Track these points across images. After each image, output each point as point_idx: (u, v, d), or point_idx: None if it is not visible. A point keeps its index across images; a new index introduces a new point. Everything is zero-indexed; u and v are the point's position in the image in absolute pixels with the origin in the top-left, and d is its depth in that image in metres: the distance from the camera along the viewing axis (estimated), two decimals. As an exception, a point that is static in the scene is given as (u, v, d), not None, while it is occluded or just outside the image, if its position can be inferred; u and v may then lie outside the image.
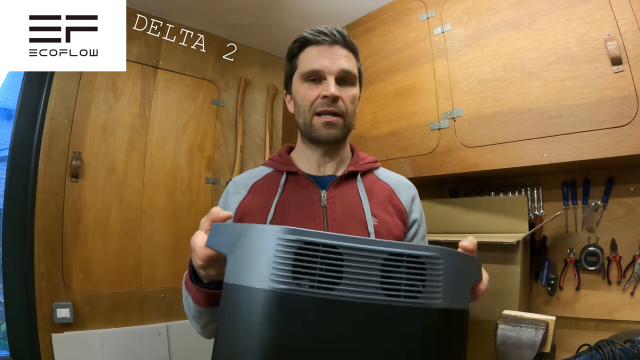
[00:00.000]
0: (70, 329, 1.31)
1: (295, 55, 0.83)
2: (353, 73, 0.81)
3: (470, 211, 1.22)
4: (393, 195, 0.86)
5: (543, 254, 1.24)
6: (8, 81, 1.56)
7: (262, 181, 0.85)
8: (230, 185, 0.87)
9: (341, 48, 0.81)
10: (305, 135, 0.83)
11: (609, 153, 0.95)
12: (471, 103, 1.21)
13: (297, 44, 0.83)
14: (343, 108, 0.79)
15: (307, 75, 0.79)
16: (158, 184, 1.57)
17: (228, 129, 1.83)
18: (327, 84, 0.77)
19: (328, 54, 0.79)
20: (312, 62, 0.79)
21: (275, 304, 0.41)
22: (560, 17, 1.05)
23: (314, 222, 0.78)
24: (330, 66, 0.78)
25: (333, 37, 0.80)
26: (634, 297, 1.08)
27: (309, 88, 0.79)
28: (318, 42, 0.80)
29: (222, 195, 0.87)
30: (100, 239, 1.42)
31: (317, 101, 0.78)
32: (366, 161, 0.89)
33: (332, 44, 0.80)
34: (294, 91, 0.83)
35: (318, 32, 0.80)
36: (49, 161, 1.34)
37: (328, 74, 0.78)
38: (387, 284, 0.42)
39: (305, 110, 0.79)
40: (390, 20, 1.49)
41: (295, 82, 0.83)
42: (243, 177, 0.88)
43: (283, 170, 0.84)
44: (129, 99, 1.54)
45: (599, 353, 0.75)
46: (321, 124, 0.78)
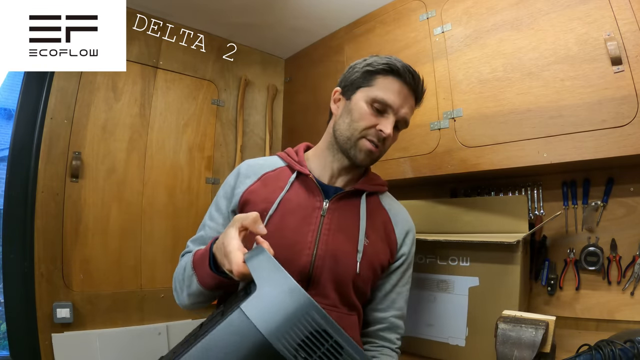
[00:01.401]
0: (70, 329, 1.31)
1: (375, 74, 0.83)
2: (407, 124, 0.86)
3: (470, 211, 1.22)
4: (389, 224, 0.90)
5: (543, 254, 1.24)
6: (8, 81, 1.56)
7: (274, 173, 0.87)
8: (244, 166, 0.89)
9: (414, 99, 0.85)
10: (340, 146, 0.85)
11: (609, 153, 0.95)
12: (471, 103, 1.21)
13: (385, 65, 0.82)
14: (385, 148, 0.84)
15: (377, 100, 0.81)
16: (158, 184, 1.57)
17: (228, 129, 1.83)
18: (388, 120, 0.80)
19: (405, 97, 0.82)
20: (390, 94, 0.80)
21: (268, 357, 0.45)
22: (560, 17, 1.05)
23: (309, 227, 0.81)
24: (399, 109, 0.81)
25: (415, 87, 0.83)
26: (634, 297, 1.08)
27: (372, 113, 0.81)
28: (405, 81, 0.82)
29: (233, 173, 0.89)
30: (100, 239, 1.42)
31: (372, 130, 0.81)
32: (375, 182, 0.92)
33: (412, 90, 0.83)
34: (354, 103, 0.83)
35: (409, 71, 0.82)
36: (49, 161, 1.34)
37: (393, 114, 0.81)
38: None
39: (357, 129, 0.81)
40: (390, 20, 1.49)
41: (360, 95, 0.83)
42: (257, 163, 0.90)
43: (295, 169, 0.86)
44: (129, 99, 1.54)
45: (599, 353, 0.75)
46: (367, 148, 0.82)
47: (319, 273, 0.79)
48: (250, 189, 0.84)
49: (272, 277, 0.50)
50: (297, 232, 0.80)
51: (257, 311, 0.47)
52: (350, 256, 0.81)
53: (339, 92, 0.88)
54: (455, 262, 1.13)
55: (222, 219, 0.85)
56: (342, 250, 0.81)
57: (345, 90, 0.87)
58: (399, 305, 0.90)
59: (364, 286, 0.83)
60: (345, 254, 0.81)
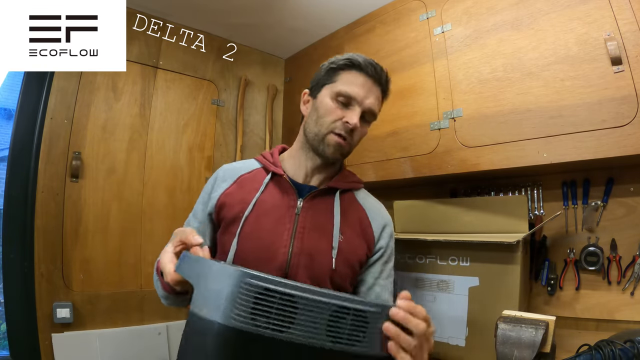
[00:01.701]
0: (70, 329, 1.31)
1: (338, 70, 0.85)
2: (375, 116, 0.86)
3: (470, 211, 1.22)
4: (365, 219, 0.90)
5: (543, 254, 1.24)
6: (8, 81, 1.56)
7: (249, 175, 0.89)
8: (221, 171, 0.91)
9: (379, 91, 0.85)
10: (310, 144, 0.86)
11: (609, 153, 0.95)
12: (471, 103, 1.21)
13: (346, 60, 0.84)
14: (354, 140, 0.85)
15: (340, 95, 0.82)
16: (158, 184, 1.57)
17: (228, 129, 1.83)
18: (353, 112, 0.81)
19: (368, 88, 0.83)
20: (352, 87, 0.82)
21: (232, 338, 0.46)
22: (560, 17, 1.05)
23: (284, 227, 0.82)
24: (364, 99, 0.82)
25: (379, 78, 0.84)
26: (634, 297, 1.08)
27: (337, 107, 0.82)
28: (366, 73, 0.83)
29: (211, 178, 0.92)
30: (100, 239, 1.42)
31: (339, 123, 0.82)
32: (350, 179, 0.93)
33: (375, 81, 0.84)
34: (320, 100, 0.85)
35: (370, 64, 0.83)
36: (49, 161, 1.34)
37: (358, 105, 0.82)
38: (332, 331, 0.48)
39: (324, 124, 0.83)
40: (390, 20, 1.49)
41: (325, 92, 0.85)
42: (234, 167, 0.92)
43: (270, 170, 0.88)
44: (129, 99, 1.54)
45: (599, 353, 0.75)
46: (335, 142, 0.82)
47: (295, 271, 0.80)
48: (226, 192, 0.86)
49: (201, 271, 0.52)
50: (273, 232, 0.81)
51: (203, 305, 0.49)
52: (326, 253, 0.82)
53: (307, 94, 0.91)
54: (455, 262, 1.13)
55: (197, 223, 0.88)
56: (317, 247, 0.82)
57: (312, 90, 0.89)
58: (384, 298, 0.91)
59: (341, 282, 0.84)
60: (320, 251, 0.82)
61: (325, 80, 0.86)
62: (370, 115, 0.85)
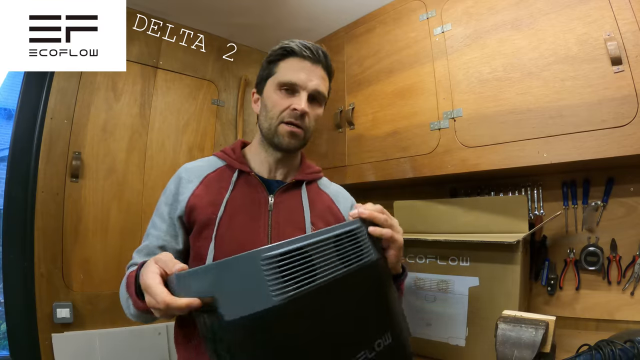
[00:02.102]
0: (70, 329, 1.31)
1: (276, 61, 0.85)
2: (324, 95, 0.86)
3: (470, 211, 1.22)
4: (332, 205, 0.92)
5: (543, 254, 1.24)
6: (8, 81, 1.56)
7: (215, 174, 0.87)
8: (183, 170, 0.88)
9: (321, 69, 0.85)
10: (266, 139, 0.86)
11: (609, 153, 0.95)
12: (471, 103, 1.21)
13: (281, 50, 0.84)
14: (307, 124, 0.84)
15: (282, 85, 0.82)
16: (158, 184, 1.57)
17: (228, 129, 1.83)
18: (299, 98, 0.81)
19: (307, 70, 0.82)
20: (291, 73, 0.82)
21: (286, 314, 0.46)
22: (560, 17, 1.05)
23: (258, 224, 0.82)
24: (306, 82, 0.82)
25: (317, 56, 0.84)
26: (634, 297, 1.08)
27: (282, 97, 0.82)
28: (302, 57, 0.83)
29: (173, 179, 0.87)
30: (100, 239, 1.42)
31: (287, 111, 0.82)
32: (311, 170, 0.94)
33: (314, 62, 0.84)
34: (266, 95, 0.86)
35: (304, 47, 0.83)
36: (49, 161, 1.34)
37: (303, 89, 0.82)
38: (342, 257, 0.53)
39: (274, 117, 0.83)
40: (390, 20, 1.49)
41: (269, 86, 0.85)
42: (196, 166, 0.89)
43: (236, 167, 0.86)
44: (129, 99, 1.54)
45: (599, 353, 0.75)
46: (286, 131, 0.82)
47: None
48: (194, 194, 0.83)
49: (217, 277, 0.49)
50: (249, 230, 0.80)
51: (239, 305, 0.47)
52: None
53: (255, 92, 0.91)
54: (455, 262, 1.13)
55: (165, 225, 0.83)
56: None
57: (258, 87, 0.90)
58: None
59: None
60: None
61: (267, 74, 0.86)
62: (320, 96, 0.85)
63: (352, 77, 1.61)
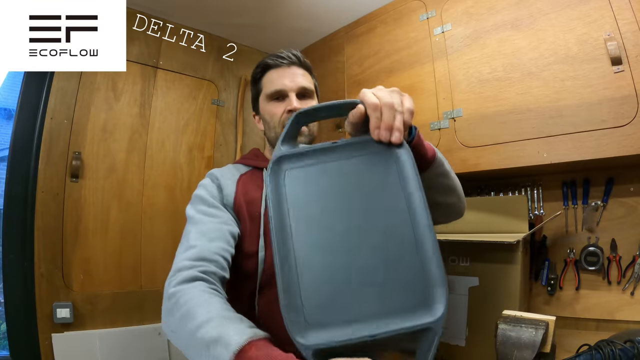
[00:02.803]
0: (70, 329, 1.31)
1: (259, 79, 0.93)
2: (310, 88, 0.91)
3: (470, 211, 1.21)
4: None
5: (543, 254, 1.24)
6: (8, 81, 1.56)
7: (246, 176, 0.90)
8: (215, 171, 0.90)
9: (298, 68, 0.91)
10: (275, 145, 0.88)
11: (609, 153, 0.95)
12: (471, 103, 1.21)
13: (259, 69, 0.92)
14: None
15: (271, 96, 0.89)
16: (158, 184, 1.57)
17: (228, 129, 1.83)
18: (289, 99, 0.87)
19: (287, 75, 0.89)
20: (274, 83, 0.89)
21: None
22: (560, 17, 1.05)
23: None
24: (290, 84, 0.88)
25: (289, 59, 0.90)
26: (634, 297, 1.08)
27: (275, 106, 0.88)
28: (277, 65, 0.90)
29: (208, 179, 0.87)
30: (100, 239, 1.42)
31: (284, 115, 0.87)
32: None
33: (289, 65, 0.90)
34: (262, 110, 0.92)
35: (276, 57, 0.90)
36: (49, 161, 1.34)
37: (290, 91, 0.87)
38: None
39: (275, 125, 0.88)
40: (391, 20, 1.49)
41: (262, 102, 0.92)
42: (225, 169, 0.91)
43: (263, 166, 0.90)
44: (129, 99, 1.54)
45: (599, 353, 0.75)
46: None
47: None
48: (237, 191, 0.85)
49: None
50: None
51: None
52: None
53: (254, 114, 0.98)
54: (455, 262, 1.13)
55: (222, 212, 0.81)
56: None
57: (254, 108, 0.97)
58: None
59: None
60: None
61: (255, 93, 0.94)
62: (307, 91, 0.90)
63: (352, 77, 1.61)
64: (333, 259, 0.51)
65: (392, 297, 0.49)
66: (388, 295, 0.49)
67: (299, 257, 0.51)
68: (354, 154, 0.57)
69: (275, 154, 0.58)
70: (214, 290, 0.64)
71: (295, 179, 0.56)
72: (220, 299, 0.61)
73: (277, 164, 0.57)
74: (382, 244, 0.51)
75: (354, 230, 0.52)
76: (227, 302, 0.62)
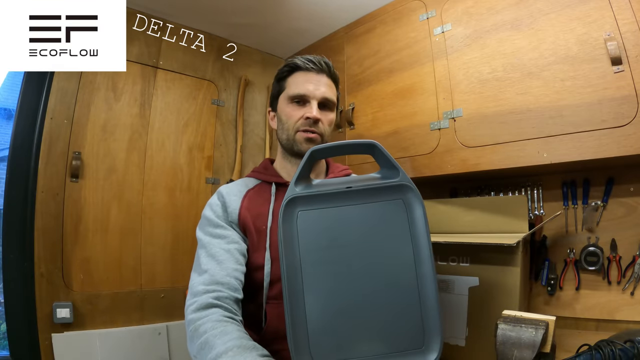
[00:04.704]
0: (70, 329, 1.31)
1: (284, 78, 0.91)
2: (333, 101, 0.90)
3: (470, 211, 1.22)
4: None
5: (543, 254, 1.24)
6: (8, 81, 1.56)
7: (254, 191, 0.91)
8: (222, 189, 0.91)
9: (326, 77, 0.90)
10: (287, 150, 0.91)
11: (609, 153, 0.95)
12: (471, 103, 1.21)
13: (287, 68, 0.91)
14: (322, 129, 0.88)
15: (293, 98, 0.88)
16: (158, 184, 1.57)
17: (228, 129, 1.83)
18: (310, 107, 0.87)
19: (314, 81, 0.88)
20: (299, 86, 0.88)
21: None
22: (560, 17, 1.05)
23: None
24: (314, 92, 0.87)
25: (320, 66, 0.89)
26: (634, 297, 1.08)
27: (295, 109, 0.88)
28: (307, 69, 0.89)
29: (215, 197, 0.89)
30: (100, 239, 1.42)
31: (301, 121, 0.87)
32: (340, 169, 0.98)
33: (318, 72, 0.89)
34: (280, 110, 0.92)
35: (307, 60, 0.89)
36: (49, 161, 1.34)
37: (312, 99, 0.87)
38: None
39: (290, 127, 0.88)
40: (391, 20, 1.49)
41: (281, 101, 0.91)
42: (233, 185, 0.93)
43: (271, 181, 0.91)
44: (129, 99, 1.54)
45: (599, 353, 0.75)
46: (303, 138, 0.87)
47: None
48: (243, 206, 0.86)
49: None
50: None
51: None
52: None
53: (270, 110, 0.97)
54: (455, 262, 1.13)
55: (230, 232, 0.83)
56: None
57: (272, 105, 0.96)
58: None
59: None
60: None
61: (278, 91, 0.93)
62: (328, 103, 0.90)
63: (352, 77, 1.61)
64: (340, 304, 0.54)
65: (391, 342, 0.54)
66: (388, 341, 0.54)
67: (308, 302, 0.54)
68: (367, 201, 0.58)
69: (288, 195, 0.59)
70: (229, 318, 0.69)
71: (307, 221, 0.58)
72: (235, 327, 0.66)
73: (290, 205, 0.58)
74: (388, 292, 0.55)
75: (362, 277, 0.55)
76: (242, 329, 0.67)
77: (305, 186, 0.60)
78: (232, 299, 0.73)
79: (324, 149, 0.63)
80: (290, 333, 0.53)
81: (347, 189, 0.59)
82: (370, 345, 0.53)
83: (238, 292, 0.75)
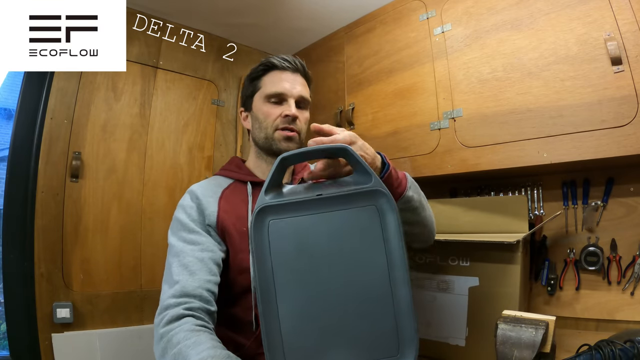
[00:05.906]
0: (70, 329, 1.31)
1: (259, 77, 0.91)
2: (308, 100, 0.91)
3: (470, 211, 1.22)
4: None
5: (543, 254, 1.24)
6: (8, 81, 1.56)
7: (229, 190, 0.89)
8: (195, 188, 0.88)
9: (300, 77, 0.91)
10: (264, 149, 0.90)
11: (609, 153, 0.95)
12: (471, 103, 1.21)
13: (262, 67, 0.90)
14: (300, 127, 0.89)
15: (270, 96, 0.88)
16: (158, 184, 1.57)
17: (228, 129, 1.83)
18: (288, 105, 0.87)
19: (290, 80, 0.88)
20: (276, 85, 0.88)
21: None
22: (560, 17, 1.05)
23: None
24: (292, 90, 0.88)
25: (295, 65, 0.90)
26: (634, 297, 1.08)
27: (272, 107, 0.88)
28: (283, 68, 0.89)
29: (188, 198, 0.87)
30: (100, 239, 1.42)
31: (279, 119, 0.87)
32: (302, 166, 0.97)
33: (294, 71, 0.90)
34: (256, 109, 0.91)
35: (283, 59, 0.89)
36: (49, 161, 1.34)
37: (290, 97, 0.87)
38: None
39: (268, 126, 0.87)
40: (391, 20, 1.49)
41: (257, 100, 0.90)
42: (206, 184, 0.90)
43: (247, 180, 0.90)
44: (129, 99, 1.54)
45: (599, 353, 0.75)
46: (282, 137, 0.87)
47: None
48: (221, 209, 0.83)
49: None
50: None
51: None
52: None
53: (243, 110, 0.96)
54: (455, 262, 1.13)
55: (205, 238, 0.81)
56: None
57: (245, 104, 0.95)
58: None
59: None
60: None
61: (252, 90, 0.91)
62: (303, 102, 0.90)
63: (352, 77, 1.61)
64: (313, 313, 0.55)
65: (365, 350, 0.54)
66: (362, 349, 0.54)
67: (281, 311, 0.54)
68: (338, 207, 0.58)
69: (259, 204, 0.58)
70: (202, 327, 0.67)
71: (279, 231, 0.57)
72: (208, 336, 0.65)
73: (260, 215, 0.57)
74: (361, 299, 0.55)
75: (334, 285, 0.55)
76: (215, 337, 0.66)
77: (275, 194, 0.59)
78: (204, 310, 0.71)
79: (294, 156, 0.61)
80: (265, 343, 0.53)
81: (317, 197, 0.58)
82: (344, 353, 0.53)
83: (210, 304, 0.73)
